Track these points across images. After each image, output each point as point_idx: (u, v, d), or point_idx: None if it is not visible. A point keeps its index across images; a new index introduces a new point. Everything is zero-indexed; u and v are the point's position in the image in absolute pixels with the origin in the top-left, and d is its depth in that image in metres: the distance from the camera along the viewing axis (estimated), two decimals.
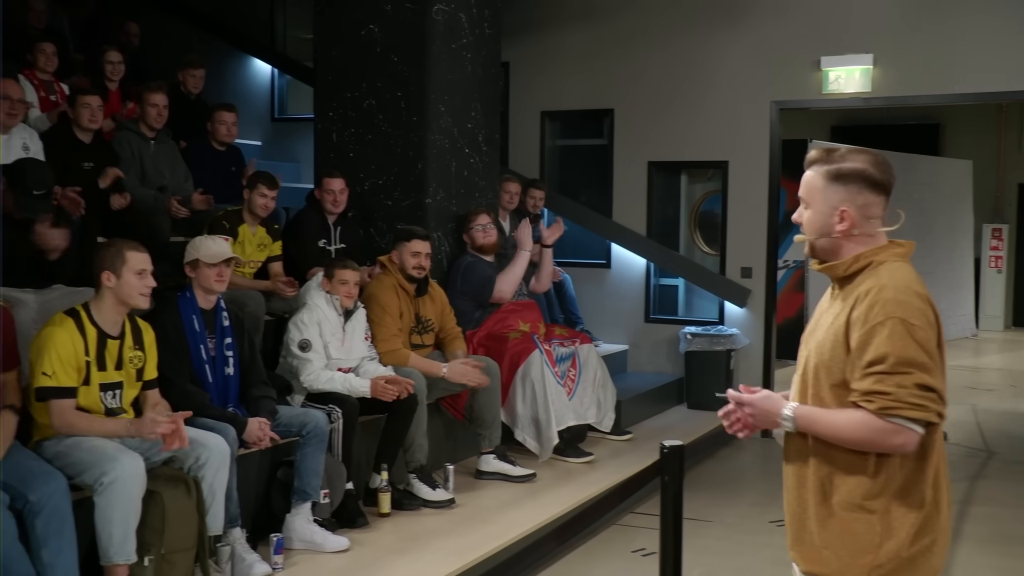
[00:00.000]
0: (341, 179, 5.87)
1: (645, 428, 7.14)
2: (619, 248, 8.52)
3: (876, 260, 2.23)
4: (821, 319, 2.31)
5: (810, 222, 2.30)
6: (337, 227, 5.95)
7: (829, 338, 2.22)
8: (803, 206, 2.32)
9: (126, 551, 3.50)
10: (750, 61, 7.87)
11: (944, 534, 2.22)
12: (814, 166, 2.30)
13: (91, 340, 3.68)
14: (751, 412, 2.31)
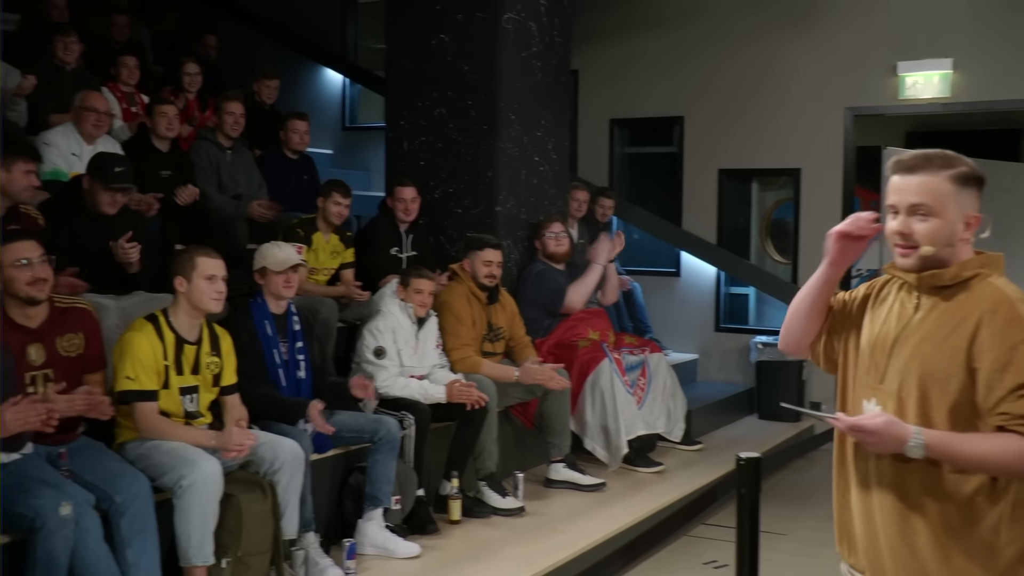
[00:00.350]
0: (413, 188, 5.92)
1: (715, 438, 7.06)
2: (689, 256, 8.45)
3: (984, 271, 2.11)
4: (908, 332, 2.12)
5: (937, 232, 2.09)
6: (409, 235, 5.99)
7: (943, 356, 2.05)
8: (922, 214, 2.09)
9: (204, 553, 3.56)
10: (824, 67, 7.75)
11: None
12: (934, 171, 2.09)
13: (169, 345, 3.76)
14: (874, 440, 2.04)
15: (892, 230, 2.14)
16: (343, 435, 4.53)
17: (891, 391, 2.13)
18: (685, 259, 8.50)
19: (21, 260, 3.44)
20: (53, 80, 5.94)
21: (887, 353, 2.15)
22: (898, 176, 2.14)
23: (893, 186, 2.14)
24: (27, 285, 3.44)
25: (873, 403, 2.16)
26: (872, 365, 2.18)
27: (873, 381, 2.17)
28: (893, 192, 2.14)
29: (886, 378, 2.15)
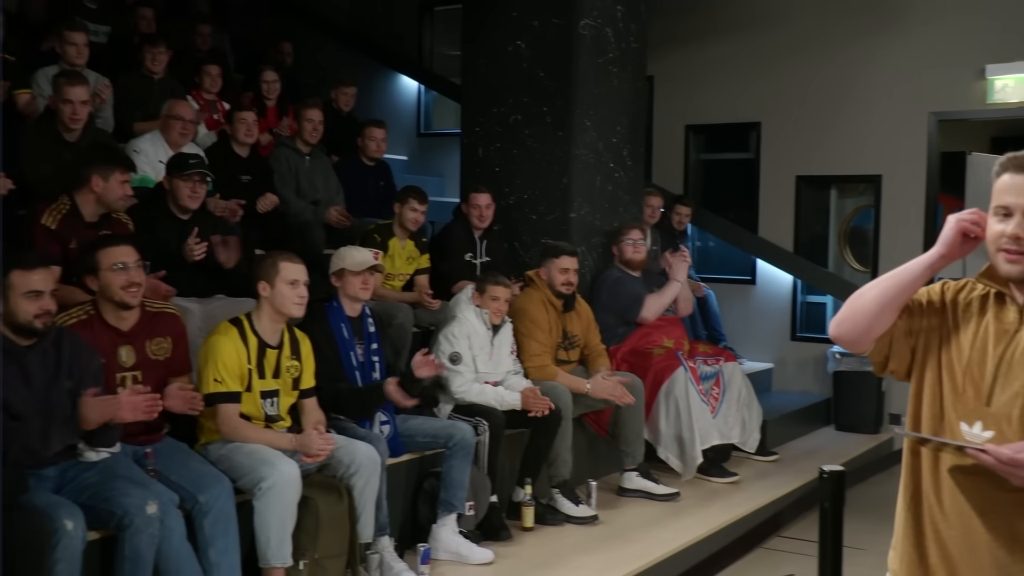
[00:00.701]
0: (488, 194, 5.94)
1: (791, 449, 6.94)
2: (765, 264, 8.33)
3: None
4: (1017, 351, 2.00)
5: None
6: (483, 241, 6.02)
7: None
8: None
9: (282, 554, 3.62)
10: (908, 71, 7.57)
11: None
12: None
13: (252, 349, 3.83)
14: (1019, 473, 1.89)
15: (1003, 233, 1.98)
16: (418, 440, 4.57)
17: (1003, 414, 1.99)
18: (761, 267, 8.38)
19: (118, 264, 3.55)
20: (141, 89, 6.12)
21: (991, 373, 2.01)
22: (1015, 175, 1.98)
23: (1008, 185, 1.99)
24: (122, 289, 3.55)
25: (978, 427, 2.01)
26: (970, 385, 2.04)
27: (975, 404, 2.02)
28: (1008, 192, 1.98)
29: (993, 400, 2.01)
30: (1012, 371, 2.00)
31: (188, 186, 4.51)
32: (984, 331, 2.05)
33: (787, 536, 5.40)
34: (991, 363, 2.02)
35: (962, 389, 2.05)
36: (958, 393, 2.05)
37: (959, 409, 2.04)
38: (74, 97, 4.67)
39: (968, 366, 2.05)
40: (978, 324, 2.07)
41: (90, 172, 4.09)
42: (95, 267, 3.57)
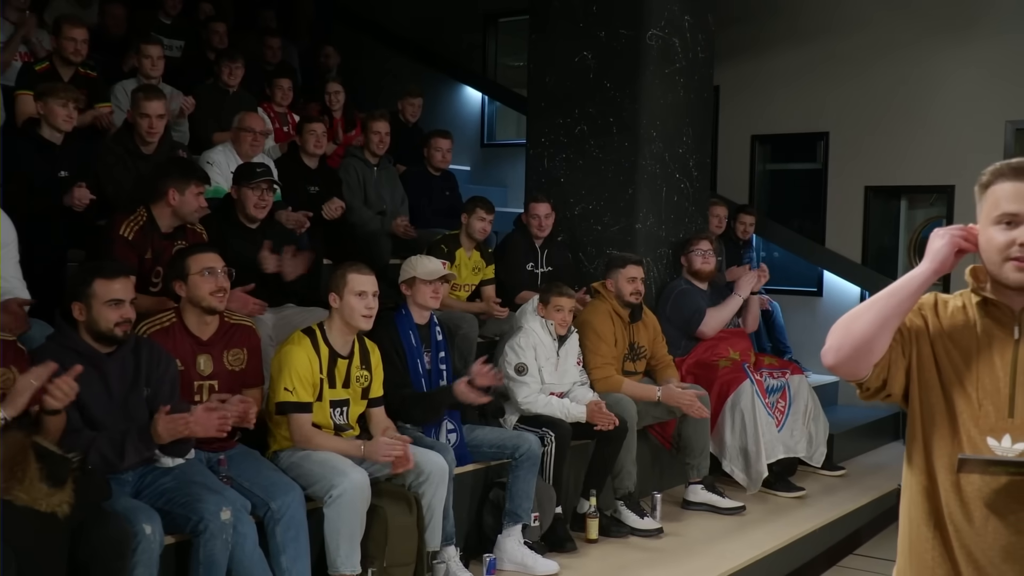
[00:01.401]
0: (547, 204, 5.95)
1: (858, 464, 6.81)
2: (832, 276, 8.20)
3: None
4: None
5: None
6: (544, 250, 6.03)
7: None
8: None
9: (352, 562, 3.65)
10: (984, 77, 7.40)
11: None
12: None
13: (324, 358, 3.88)
14: None
15: (1014, 241, 1.93)
16: (484, 450, 4.59)
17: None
18: (828, 278, 8.26)
19: (206, 270, 3.64)
20: (216, 102, 6.26)
21: (1008, 385, 1.96)
22: (1016, 182, 1.94)
23: (1011, 193, 1.94)
24: (210, 294, 3.64)
25: (1007, 440, 1.95)
26: (987, 400, 1.98)
27: (996, 418, 1.96)
28: (1013, 200, 1.93)
29: (1016, 411, 1.95)
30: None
31: (255, 195, 4.59)
32: (982, 343, 2.01)
33: (861, 554, 5.33)
34: (1003, 375, 1.98)
35: (978, 405, 1.99)
36: (974, 409, 1.99)
37: (982, 425, 1.98)
38: (151, 111, 4.79)
39: (979, 380, 1.99)
40: (972, 336, 2.02)
41: (167, 185, 4.19)
42: (184, 272, 3.67)
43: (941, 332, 2.05)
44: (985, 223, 1.98)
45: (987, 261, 1.99)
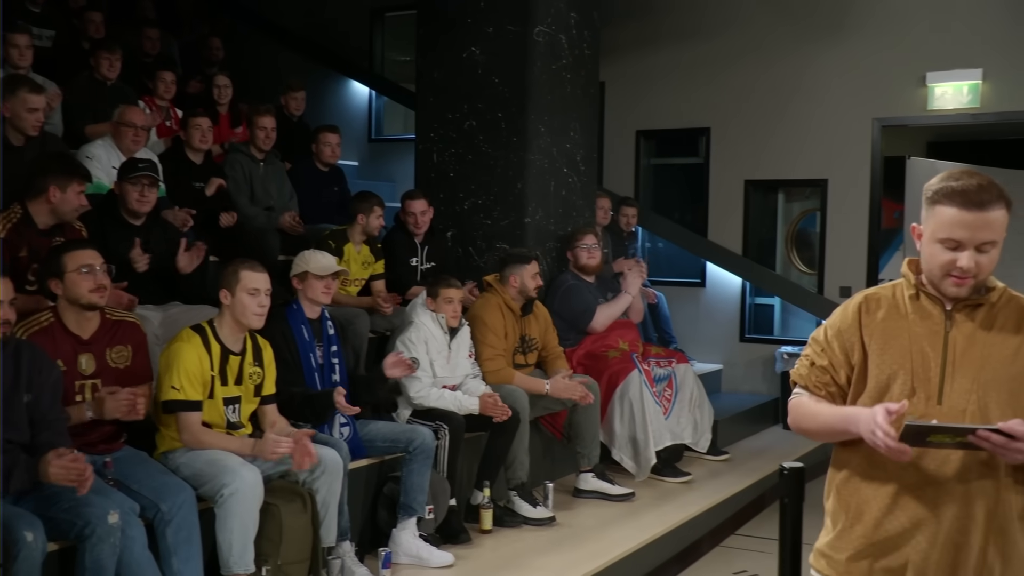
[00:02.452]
0: (423, 200, 5.96)
1: (741, 448, 7.07)
2: (714, 267, 8.47)
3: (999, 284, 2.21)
4: (959, 351, 2.14)
5: (995, 260, 2.12)
6: (424, 246, 6.04)
7: (1017, 370, 2.11)
8: (986, 249, 2.10)
9: (245, 561, 3.61)
10: (853, 77, 7.77)
11: None
12: (996, 204, 2.09)
13: (215, 356, 3.82)
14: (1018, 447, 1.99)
15: (955, 264, 2.10)
16: (378, 444, 4.59)
17: (958, 410, 2.13)
18: (711, 270, 8.53)
19: (84, 267, 3.53)
20: (94, 94, 6.05)
21: (938, 374, 2.15)
22: (964, 212, 2.09)
23: (957, 221, 2.09)
24: (90, 292, 3.54)
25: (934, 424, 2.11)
26: (920, 388, 2.16)
27: (926, 406, 2.14)
28: (959, 228, 2.09)
29: (944, 398, 2.14)
30: (957, 369, 2.14)
31: (136, 191, 4.48)
32: (914, 334, 2.19)
33: (743, 534, 5.53)
34: (935, 364, 2.16)
35: (911, 392, 2.16)
36: (907, 396, 2.16)
37: (912, 411, 2.14)
38: (35, 104, 4.62)
39: (913, 370, 2.17)
40: (905, 328, 2.20)
41: (47, 182, 4.04)
42: (61, 270, 3.55)
43: (874, 332, 2.22)
44: (930, 238, 2.15)
45: (927, 269, 2.18)
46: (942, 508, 2.13)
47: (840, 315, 2.31)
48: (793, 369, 2.39)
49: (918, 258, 2.23)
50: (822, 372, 2.30)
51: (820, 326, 2.37)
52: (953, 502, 2.12)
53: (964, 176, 2.12)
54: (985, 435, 2.00)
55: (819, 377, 2.30)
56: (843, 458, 2.29)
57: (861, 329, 2.25)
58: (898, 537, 2.17)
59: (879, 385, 2.21)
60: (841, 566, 2.25)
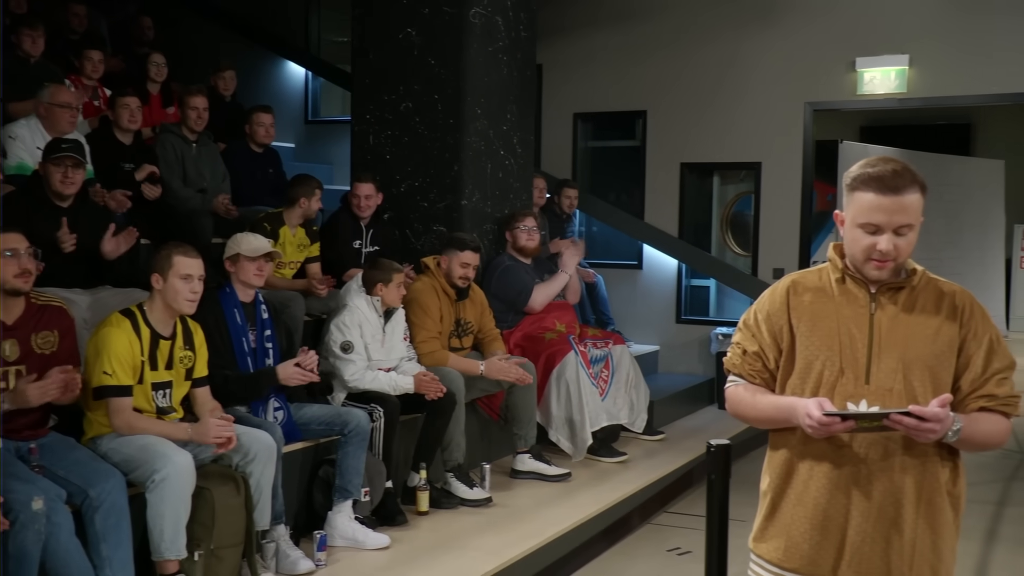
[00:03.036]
0: (371, 184, 5.93)
1: (677, 428, 7.17)
2: (651, 249, 8.56)
3: (919, 268, 2.29)
4: (884, 331, 2.22)
5: (912, 243, 2.20)
6: (369, 229, 6.01)
7: (938, 348, 2.20)
8: (903, 232, 2.17)
9: (177, 546, 3.58)
10: (784, 62, 7.89)
11: None
12: (910, 188, 2.16)
13: (145, 340, 3.76)
14: (935, 427, 2.08)
15: (876, 248, 2.17)
16: (312, 427, 4.57)
17: (885, 388, 2.21)
18: (647, 252, 8.61)
19: (7, 251, 3.45)
20: (16, 72, 5.88)
21: (865, 355, 2.22)
22: (880, 196, 2.16)
23: (875, 205, 2.16)
24: (14, 277, 3.46)
25: (863, 405, 2.19)
26: (848, 368, 2.23)
27: (854, 385, 2.22)
28: (877, 212, 2.16)
29: (872, 378, 2.22)
30: (883, 349, 2.22)
31: (60, 171, 4.38)
32: (842, 316, 2.26)
33: (674, 511, 5.62)
34: (861, 345, 2.23)
35: (838, 372, 2.24)
36: (836, 376, 2.24)
37: (841, 392, 2.23)
38: None
39: (841, 350, 2.24)
40: (833, 310, 2.27)
41: None
42: None
43: (802, 314, 2.29)
44: (851, 223, 2.23)
45: (850, 253, 2.26)
46: (874, 484, 2.20)
47: (769, 298, 2.37)
48: (726, 358, 2.45)
49: (843, 243, 2.31)
50: (754, 359, 2.36)
51: (749, 309, 2.42)
52: (885, 478, 2.20)
53: (880, 163, 2.19)
54: (898, 418, 2.08)
55: (752, 364, 2.36)
56: (779, 440, 2.36)
57: (789, 312, 2.31)
58: (835, 514, 2.24)
59: (807, 366, 2.27)
60: (780, 547, 2.32)
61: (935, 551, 2.23)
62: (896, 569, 2.22)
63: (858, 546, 2.22)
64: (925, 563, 2.22)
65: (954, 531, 2.29)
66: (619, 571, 4.82)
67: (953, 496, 2.27)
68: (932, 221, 12.67)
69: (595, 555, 4.98)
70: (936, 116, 13.73)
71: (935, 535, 2.23)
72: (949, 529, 2.27)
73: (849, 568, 2.24)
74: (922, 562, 2.22)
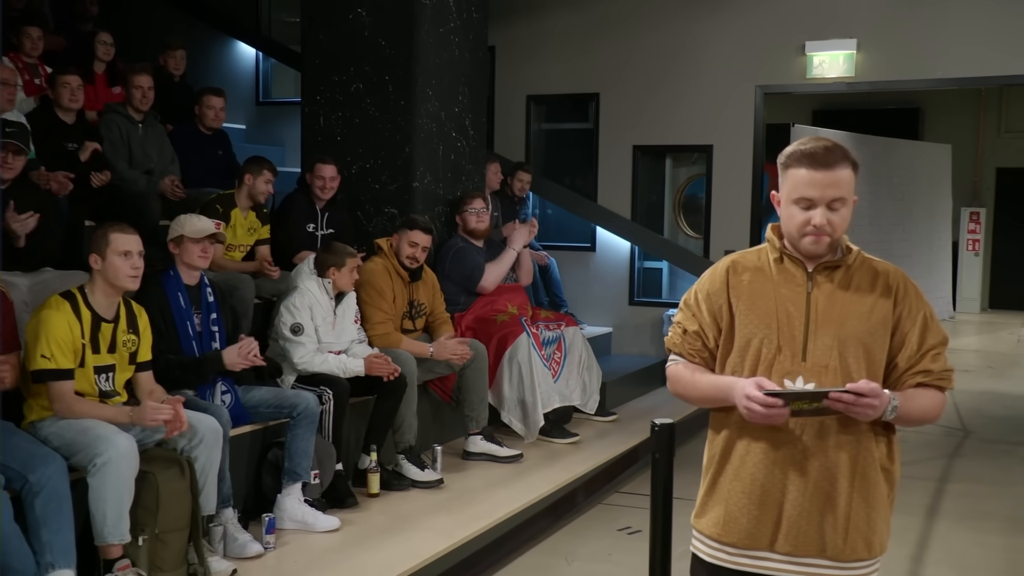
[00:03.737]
0: (333, 165, 5.88)
1: (629, 409, 7.22)
2: (604, 232, 8.59)
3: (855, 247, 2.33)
4: (821, 310, 2.25)
5: (846, 219, 2.24)
6: (325, 212, 5.97)
7: (872, 326, 2.24)
8: (836, 207, 2.21)
9: (120, 531, 3.54)
10: (735, 46, 7.94)
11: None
12: (842, 163, 2.21)
13: (86, 323, 3.70)
14: (878, 404, 2.13)
15: (811, 223, 2.21)
16: (262, 410, 4.54)
17: (821, 365, 2.24)
18: (600, 234, 8.65)
19: None
20: None
21: (802, 333, 2.26)
22: (812, 171, 2.21)
23: (807, 180, 2.21)
24: None
25: (800, 382, 2.24)
26: (786, 345, 2.26)
27: (791, 363, 2.25)
28: (809, 187, 2.21)
29: (808, 355, 2.25)
30: (820, 327, 2.26)
31: (0, 156, 4.29)
32: (780, 295, 2.30)
33: (626, 492, 5.67)
34: (799, 323, 2.27)
35: (775, 351, 2.28)
36: (774, 354, 2.28)
37: (779, 370, 2.27)
38: None
39: (779, 329, 2.28)
40: (770, 290, 2.31)
41: None
42: None
43: (741, 293, 2.32)
44: (786, 200, 2.27)
45: (787, 230, 2.29)
46: (810, 460, 2.25)
47: (709, 278, 2.40)
48: (667, 337, 2.47)
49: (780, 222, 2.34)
50: (694, 338, 2.38)
51: (689, 290, 2.45)
52: (820, 454, 2.24)
53: (812, 141, 2.25)
54: (837, 396, 2.12)
55: (692, 344, 2.39)
56: (719, 419, 2.40)
57: (729, 291, 2.34)
58: (772, 489, 2.28)
59: (746, 344, 2.30)
60: (719, 521, 2.36)
61: (869, 524, 2.28)
62: (831, 542, 2.26)
63: (795, 520, 2.26)
64: (859, 536, 2.27)
65: (888, 505, 2.34)
66: (570, 551, 4.85)
67: (888, 471, 2.32)
68: (882, 204, 12.92)
69: (546, 535, 5.01)
70: (886, 101, 13.94)
71: (869, 509, 2.28)
72: (883, 503, 2.32)
73: (786, 541, 2.28)
74: (856, 535, 2.27)
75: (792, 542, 2.27)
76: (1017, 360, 10.52)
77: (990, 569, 4.68)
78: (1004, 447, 6.99)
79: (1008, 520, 5.40)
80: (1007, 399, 8.67)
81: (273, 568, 4.07)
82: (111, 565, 3.53)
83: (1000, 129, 14.50)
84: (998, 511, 5.56)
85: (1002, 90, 13.89)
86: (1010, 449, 6.93)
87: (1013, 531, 5.22)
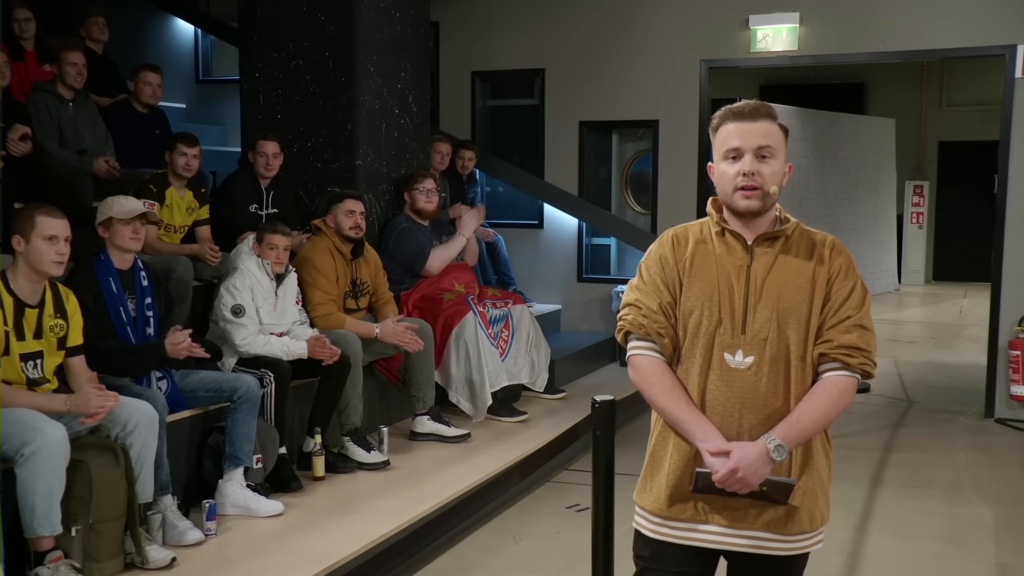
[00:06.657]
0: (275, 142, 5.75)
1: (579, 386, 7.22)
2: (551, 208, 8.55)
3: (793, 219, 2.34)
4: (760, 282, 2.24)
5: (777, 173, 2.25)
6: (269, 192, 5.85)
7: (807, 298, 2.24)
8: (766, 157, 2.23)
9: (51, 522, 3.44)
10: (680, 20, 7.91)
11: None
12: (769, 118, 2.26)
13: (8, 309, 3.58)
14: (743, 473, 2.16)
15: (738, 172, 2.23)
16: (201, 395, 4.45)
17: (760, 338, 2.23)
18: (548, 211, 8.60)
19: None
20: None
21: (742, 306, 2.25)
22: (738, 123, 2.25)
23: (734, 131, 2.25)
24: None
25: (740, 355, 2.23)
26: (727, 319, 2.24)
27: (731, 336, 2.24)
28: (736, 136, 2.24)
29: (748, 328, 2.24)
30: (760, 300, 2.25)
31: None
32: (721, 268, 2.29)
33: (574, 469, 5.66)
34: (739, 296, 2.26)
35: (716, 325, 2.26)
36: (715, 327, 2.26)
37: (719, 342, 2.26)
38: None
39: (720, 301, 2.27)
40: (712, 262, 2.30)
41: None
42: None
43: (685, 265, 2.31)
44: (718, 160, 2.29)
45: (721, 193, 2.30)
46: (752, 435, 2.23)
47: (657, 253, 2.36)
48: (627, 319, 2.35)
49: (720, 198, 2.33)
50: (659, 314, 2.30)
51: (639, 267, 2.39)
52: (762, 428, 2.23)
53: (738, 103, 2.29)
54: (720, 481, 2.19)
55: (658, 321, 2.30)
56: None
57: (676, 263, 2.32)
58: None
59: (687, 315, 2.28)
60: (663, 499, 2.35)
61: (811, 496, 2.28)
62: (773, 514, 2.25)
63: (735, 496, 2.25)
64: (802, 508, 2.27)
65: (828, 474, 2.35)
66: (519, 529, 4.83)
67: (824, 445, 2.34)
68: (828, 178, 13.02)
69: (495, 514, 4.99)
70: (832, 75, 14.06)
71: (811, 480, 2.28)
72: (824, 473, 2.33)
73: (729, 514, 2.28)
74: (799, 507, 2.27)
75: (734, 514, 2.27)
76: (959, 331, 10.70)
77: (931, 536, 4.75)
78: (945, 416, 7.11)
79: (948, 487, 5.49)
80: (949, 369, 8.82)
81: (214, 555, 3.99)
82: (42, 557, 3.44)
83: (942, 103, 14.69)
84: (939, 479, 5.64)
85: (944, 64, 14.07)
86: (951, 418, 7.05)
87: (953, 498, 5.30)
